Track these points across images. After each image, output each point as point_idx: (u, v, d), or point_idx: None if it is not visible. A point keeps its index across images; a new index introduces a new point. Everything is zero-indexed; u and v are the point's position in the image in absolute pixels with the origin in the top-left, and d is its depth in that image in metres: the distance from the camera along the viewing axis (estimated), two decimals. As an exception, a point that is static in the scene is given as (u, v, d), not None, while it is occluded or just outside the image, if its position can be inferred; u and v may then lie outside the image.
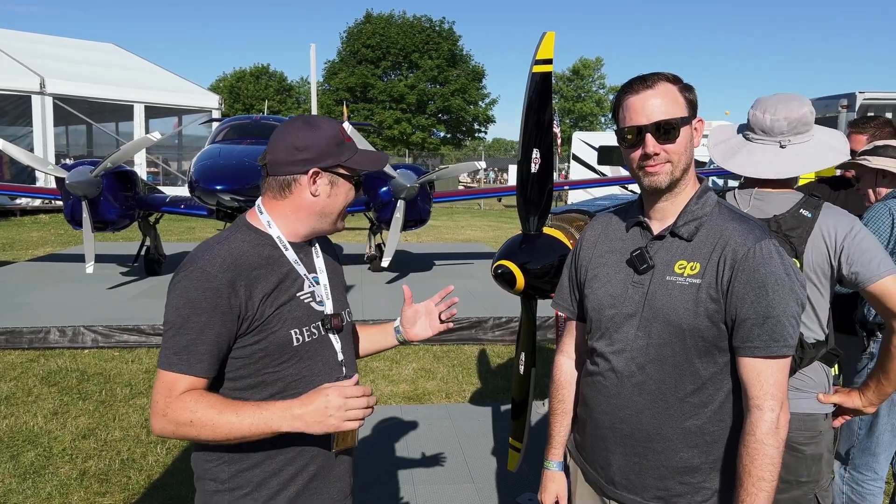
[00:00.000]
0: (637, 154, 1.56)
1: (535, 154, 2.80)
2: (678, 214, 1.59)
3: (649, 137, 1.52)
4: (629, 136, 1.55)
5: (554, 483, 1.88)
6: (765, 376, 1.47)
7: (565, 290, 1.84)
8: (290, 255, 1.59)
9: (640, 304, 1.57)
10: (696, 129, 1.58)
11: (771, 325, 1.46)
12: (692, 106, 1.56)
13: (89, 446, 4.08)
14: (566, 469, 1.90)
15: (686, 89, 1.57)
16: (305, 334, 1.57)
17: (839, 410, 2.18)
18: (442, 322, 1.95)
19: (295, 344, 1.54)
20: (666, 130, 1.52)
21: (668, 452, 1.57)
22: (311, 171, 1.56)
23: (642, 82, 1.55)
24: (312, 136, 1.57)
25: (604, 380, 1.64)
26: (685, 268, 1.54)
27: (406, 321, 1.94)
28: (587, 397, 1.72)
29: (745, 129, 2.14)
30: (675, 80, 1.57)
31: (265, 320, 1.50)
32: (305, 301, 1.59)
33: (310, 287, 1.60)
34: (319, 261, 1.67)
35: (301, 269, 1.60)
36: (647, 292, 1.56)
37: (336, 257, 1.79)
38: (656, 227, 1.61)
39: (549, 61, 2.72)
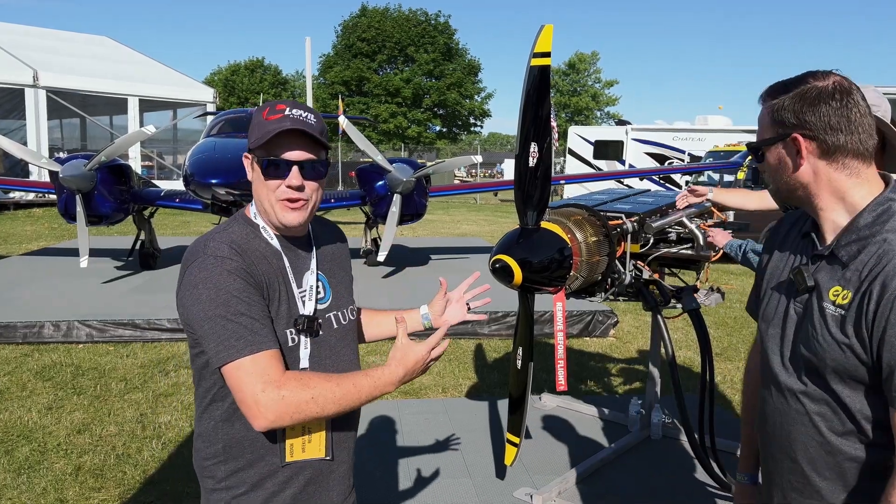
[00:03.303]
0: None
1: (533, 148, 2.79)
2: (842, 231, 1.37)
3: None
4: None
5: (741, 496, 1.75)
6: None
7: (753, 293, 1.70)
8: (275, 244, 1.54)
9: (797, 327, 1.41)
10: (796, 146, 1.37)
11: None
12: (781, 124, 1.38)
13: (84, 441, 4.06)
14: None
15: (781, 105, 1.38)
16: (297, 336, 1.53)
17: None
18: (470, 311, 1.94)
19: (290, 345, 1.50)
20: (753, 154, 1.46)
21: (829, 493, 1.40)
22: (243, 157, 1.59)
23: (759, 101, 1.48)
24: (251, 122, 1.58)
25: (765, 405, 1.52)
26: (838, 295, 1.34)
27: (436, 308, 1.91)
28: (759, 420, 1.58)
29: None
30: (770, 96, 1.42)
31: (269, 311, 1.47)
32: (302, 297, 1.55)
33: (302, 285, 1.55)
34: (312, 259, 1.60)
35: (286, 264, 1.54)
36: (804, 315, 1.40)
37: (343, 249, 1.74)
38: (822, 242, 1.42)
39: (547, 54, 2.69)
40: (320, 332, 1.56)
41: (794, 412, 1.42)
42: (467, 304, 1.95)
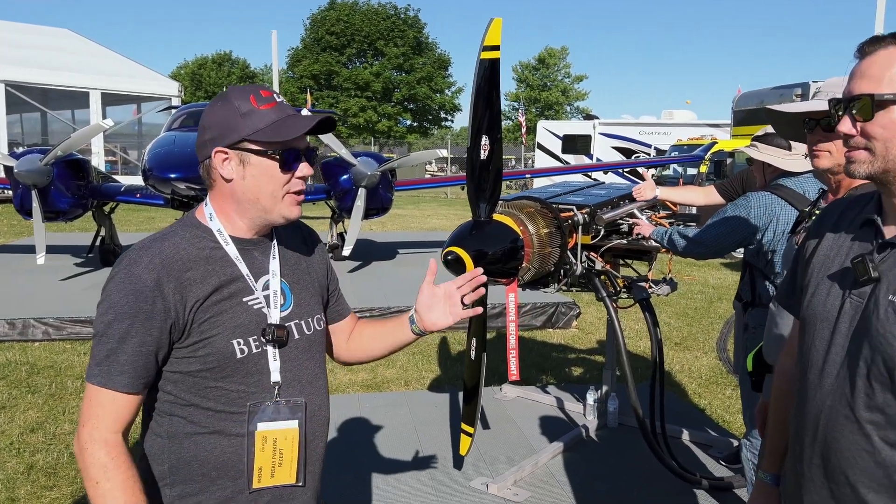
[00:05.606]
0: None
1: (485, 141, 2.82)
2: None
3: (844, 115, 1.23)
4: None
5: (763, 496, 1.62)
6: None
7: (787, 284, 1.54)
8: (231, 250, 1.42)
9: (853, 323, 1.24)
10: None
11: None
12: None
13: (37, 440, 4.00)
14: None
15: None
16: (253, 345, 1.40)
17: None
18: (465, 307, 1.65)
19: (238, 356, 1.38)
20: (863, 106, 1.18)
21: None
22: (214, 152, 1.40)
23: (867, 44, 1.23)
24: (217, 112, 1.41)
25: (805, 406, 1.33)
26: None
27: (422, 307, 1.65)
28: (796, 423, 1.38)
29: None
30: None
31: (201, 327, 1.35)
32: (256, 307, 1.42)
33: (260, 291, 1.43)
34: (275, 261, 1.48)
35: (244, 269, 1.42)
36: (864, 311, 1.22)
37: (311, 252, 1.61)
38: (890, 231, 1.24)
39: (496, 47, 2.72)
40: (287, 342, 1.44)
41: (841, 418, 1.24)
42: (462, 298, 1.65)
